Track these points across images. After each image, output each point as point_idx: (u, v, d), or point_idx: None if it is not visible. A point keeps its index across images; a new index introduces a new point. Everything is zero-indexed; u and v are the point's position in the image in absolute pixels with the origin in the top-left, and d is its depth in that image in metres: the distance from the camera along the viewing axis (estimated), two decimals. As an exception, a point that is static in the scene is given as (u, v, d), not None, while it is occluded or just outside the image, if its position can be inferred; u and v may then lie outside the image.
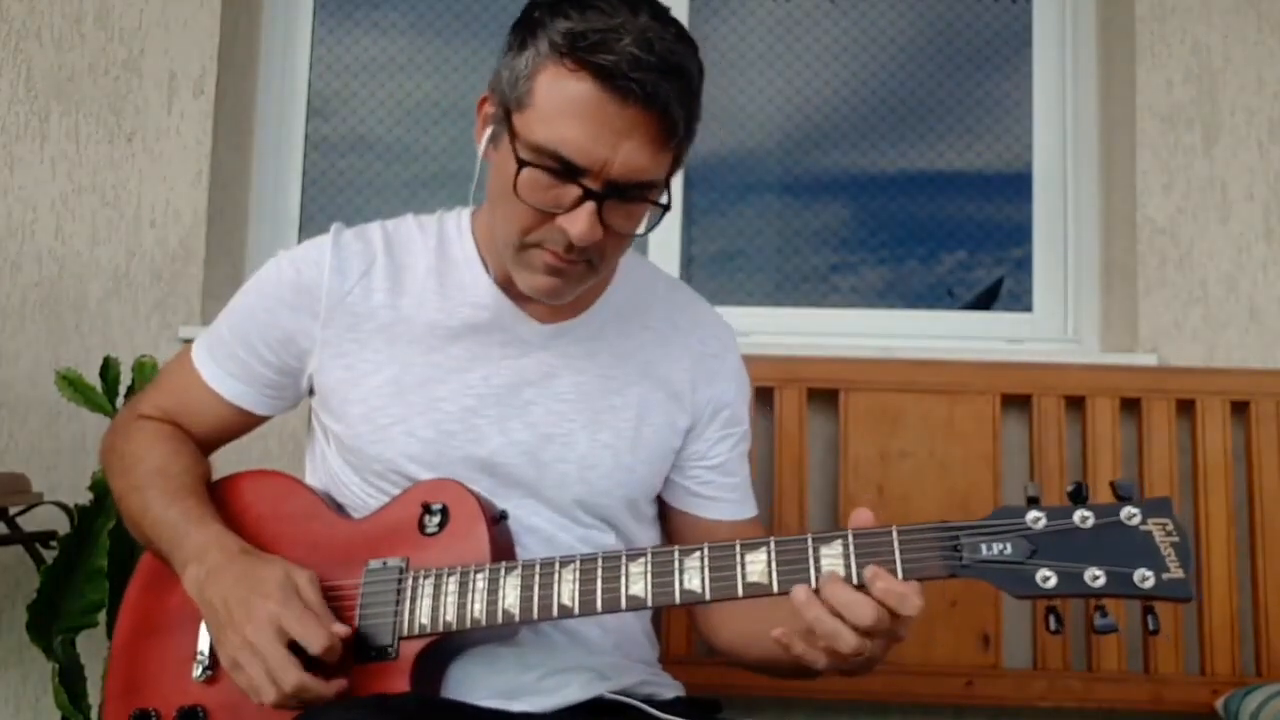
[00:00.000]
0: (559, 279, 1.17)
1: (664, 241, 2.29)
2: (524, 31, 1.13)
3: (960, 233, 2.36)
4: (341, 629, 1.12)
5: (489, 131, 1.18)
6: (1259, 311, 2.09)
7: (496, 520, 1.20)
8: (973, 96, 2.38)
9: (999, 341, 2.25)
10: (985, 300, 2.37)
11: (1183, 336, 2.09)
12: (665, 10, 1.13)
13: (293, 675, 1.08)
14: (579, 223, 1.10)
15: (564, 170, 1.10)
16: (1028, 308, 2.29)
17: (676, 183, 1.20)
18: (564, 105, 1.08)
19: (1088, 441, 1.98)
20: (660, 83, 1.07)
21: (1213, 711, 1.84)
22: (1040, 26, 2.34)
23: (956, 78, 2.39)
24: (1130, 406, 1.99)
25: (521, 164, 1.11)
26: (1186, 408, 1.99)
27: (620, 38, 1.06)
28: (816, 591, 1.02)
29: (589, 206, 1.10)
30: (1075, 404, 2.00)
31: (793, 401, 2.00)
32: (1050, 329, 2.27)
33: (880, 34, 2.41)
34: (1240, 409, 1.98)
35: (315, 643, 1.09)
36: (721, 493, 1.36)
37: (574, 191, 1.10)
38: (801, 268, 2.38)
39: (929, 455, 1.98)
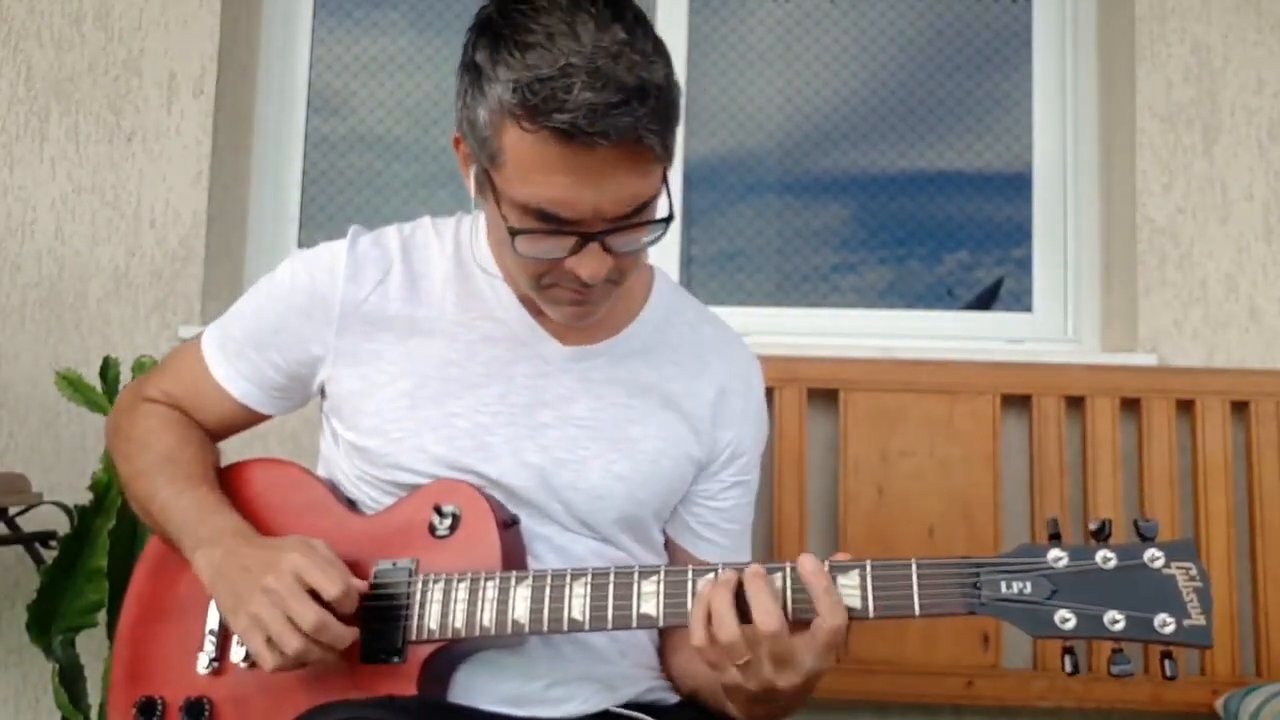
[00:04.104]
0: (587, 305, 1.16)
1: (664, 241, 2.28)
2: (470, 77, 1.08)
3: (961, 233, 2.36)
4: (358, 582, 1.11)
5: (473, 172, 1.14)
6: (1259, 311, 2.09)
7: (508, 525, 1.19)
8: (973, 96, 2.38)
9: (999, 341, 2.25)
10: (985, 300, 2.37)
11: (1183, 336, 2.09)
12: (604, 4, 1.04)
13: (311, 612, 1.07)
14: (587, 265, 1.08)
15: (556, 223, 1.06)
16: (1028, 308, 2.30)
17: (676, 184, 1.17)
18: (535, 165, 1.03)
19: (1088, 441, 1.98)
20: (624, 117, 1.00)
21: (1213, 711, 1.85)
22: (1040, 26, 2.34)
23: (956, 78, 2.39)
24: (1130, 406, 2.00)
25: (513, 231, 1.07)
26: (1186, 408, 1.99)
27: (570, 83, 0.99)
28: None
29: (593, 247, 1.07)
30: (1075, 404, 2.01)
31: (793, 401, 2.00)
32: (1050, 329, 2.27)
33: (880, 34, 2.41)
34: (1240, 409, 1.99)
35: (330, 587, 1.08)
36: (718, 536, 1.33)
37: (572, 238, 1.07)
38: (802, 268, 2.38)
39: (929, 455, 1.98)
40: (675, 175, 1.15)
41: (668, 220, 1.12)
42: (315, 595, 1.09)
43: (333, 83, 2.47)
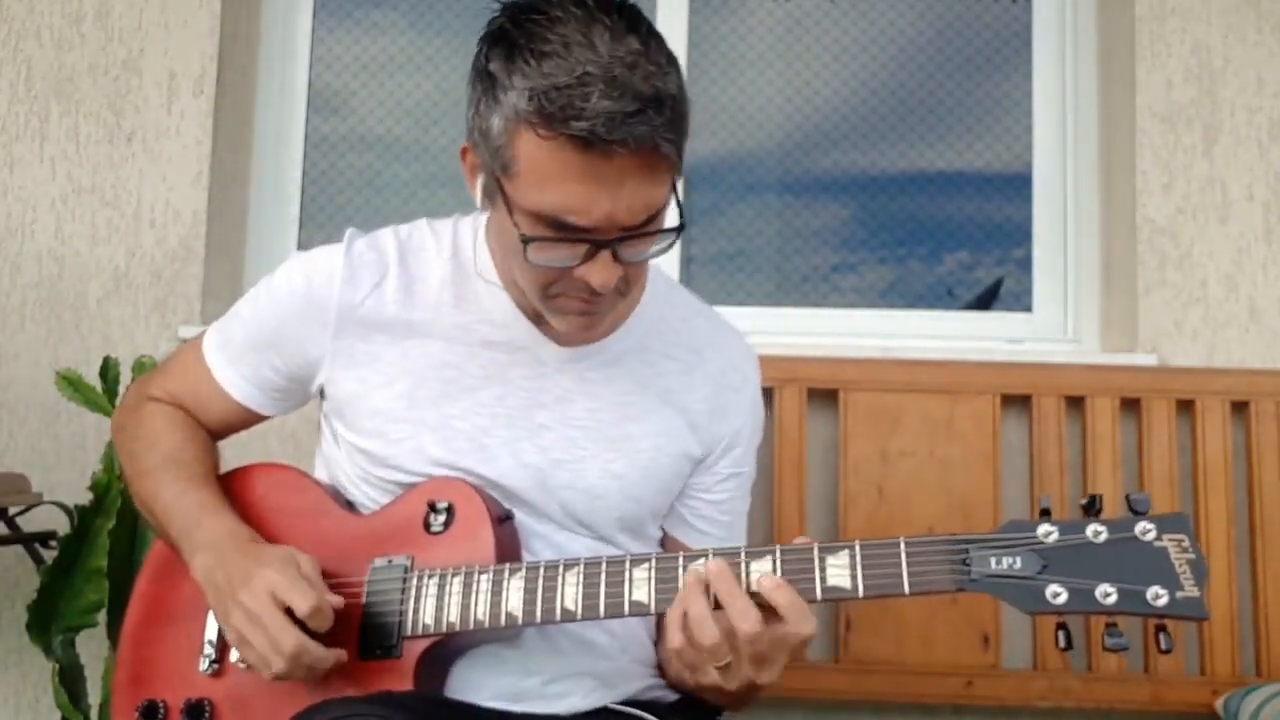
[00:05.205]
0: (593, 317, 1.16)
1: (664, 241, 2.29)
2: (483, 85, 1.08)
3: (961, 233, 2.36)
4: (334, 598, 1.12)
5: (480, 182, 1.14)
6: (1259, 311, 2.09)
7: (502, 520, 1.19)
8: (973, 96, 2.38)
9: (999, 341, 2.25)
10: (985, 300, 2.37)
11: (1183, 336, 2.09)
12: (618, 12, 1.05)
13: (291, 637, 1.08)
14: (597, 273, 1.08)
15: (569, 231, 1.06)
16: (1028, 308, 2.30)
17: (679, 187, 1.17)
18: (551, 172, 1.03)
19: (1087, 441, 1.98)
20: (641, 125, 1.01)
21: (1213, 711, 1.85)
22: (1040, 26, 2.34)
23: (956, 78, 2.39)
24: (1130, 406, 2.00)
25: (525, 238, 1.07)
26: (1186, 408, 1.99)
27: (588, 91, 1.00)
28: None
29: (604, 255, 1.07)
30: (1075, 404, 2.00)
31: (793, 401, 2.00)
32: (1050, 329, 2.27)
33: (880, 34, 2.41)
34: (1240, 409, 1.99)
35: (302, 603, 1.09)
36: (712, 528, 1.34)
37: (584, 246, 1.07)
38: (801, 268, 2.38)
39: (929, 455, 1.98)
40: (678, 183, 1.14)
41: (678, 230, 1.11)
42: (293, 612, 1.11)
43: (333, 83, 2.47)
